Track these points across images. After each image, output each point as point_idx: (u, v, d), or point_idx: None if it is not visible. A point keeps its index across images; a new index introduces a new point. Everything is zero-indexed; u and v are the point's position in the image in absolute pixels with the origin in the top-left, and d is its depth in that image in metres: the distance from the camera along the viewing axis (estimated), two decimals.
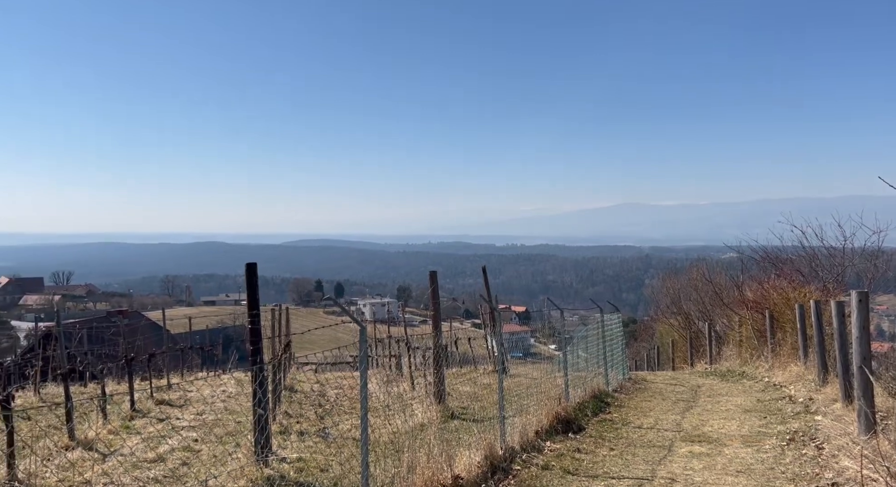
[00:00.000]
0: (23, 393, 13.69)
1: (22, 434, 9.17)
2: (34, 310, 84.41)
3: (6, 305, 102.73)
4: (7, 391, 7.36)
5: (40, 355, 14.13)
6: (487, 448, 6.42)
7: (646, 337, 41.46)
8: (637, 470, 6.49)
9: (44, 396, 13.52)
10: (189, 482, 6.66)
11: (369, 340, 14.47)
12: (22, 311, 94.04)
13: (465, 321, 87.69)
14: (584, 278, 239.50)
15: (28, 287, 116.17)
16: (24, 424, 10.03)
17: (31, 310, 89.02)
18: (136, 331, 20.23)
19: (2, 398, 7.13)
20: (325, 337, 31.77)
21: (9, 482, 6.73)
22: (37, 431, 9.60)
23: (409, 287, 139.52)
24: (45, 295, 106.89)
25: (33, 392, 13.87)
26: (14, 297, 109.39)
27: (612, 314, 14.68)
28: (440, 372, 10.29)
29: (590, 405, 9.87)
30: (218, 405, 11.88)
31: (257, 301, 7.37)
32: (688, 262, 42.92)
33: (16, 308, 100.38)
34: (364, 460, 4.96)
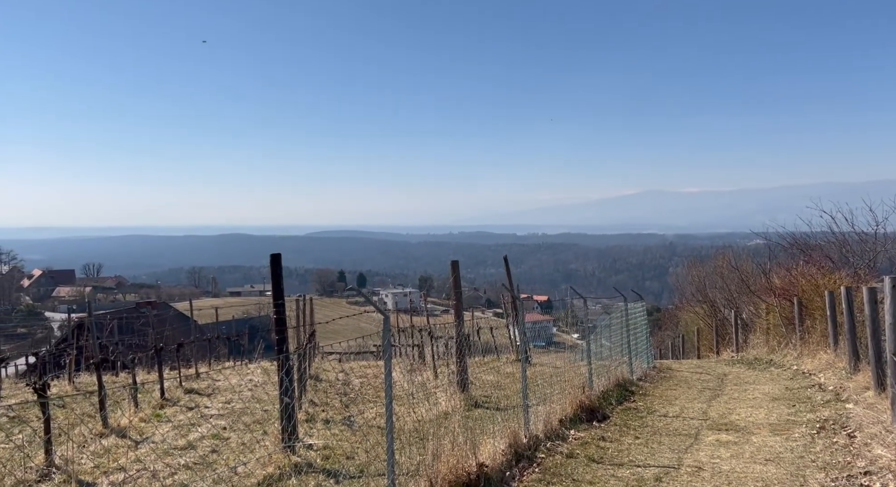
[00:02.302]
0: (58, 381, 14.10)
1: (58, 421, 9.45)
2: (67, 302, 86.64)
3: (40, 297, 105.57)
4: (43, 379, 7.57)
5: (73, 345, 14.51)
6: (511, 436, 6.43)
7: (670, 325, 41.05)
8: (663, 459, 6.45)
9: (78, 385, 13.90)
10: (219, 469, 6.79)
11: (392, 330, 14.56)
12: (55, 303, 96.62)
13: (487, 310, 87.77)
14: (607, 267, 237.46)
15: (60, 279, 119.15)
16: (59, 412, 10.33)
17: (64, 302, 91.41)
18: (164, 322, 20.64)
19: (38, 386, 7.34)
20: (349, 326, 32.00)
21: (47, 467, 6.95)
22: (72, 419, 9.89)
23: (431, 277, 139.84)
24: (77, 287, 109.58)
25: (68, 381, 14.28)
26: (47, 289, 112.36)
27: (636, 302, 14.55)
28: (463, 361, 10.32)
29: (614, 393, 9.82)
30: (245, 393, 12.08)
31: (282, 291, 7.46)
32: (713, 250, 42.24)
33: (49, 300, 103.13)
34: (389, 447, 5.00)
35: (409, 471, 5.54)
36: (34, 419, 9.73)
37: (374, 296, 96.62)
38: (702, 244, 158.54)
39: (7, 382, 15.54)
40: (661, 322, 45.03)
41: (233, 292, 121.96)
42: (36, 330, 50.71)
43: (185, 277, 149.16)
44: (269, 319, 37.29)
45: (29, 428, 9.18)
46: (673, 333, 37.30)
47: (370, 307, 5.33)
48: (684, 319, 35.06)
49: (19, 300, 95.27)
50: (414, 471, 5.48)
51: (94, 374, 10.41)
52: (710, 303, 29.22)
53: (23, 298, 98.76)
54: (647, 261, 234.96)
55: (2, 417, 10.14)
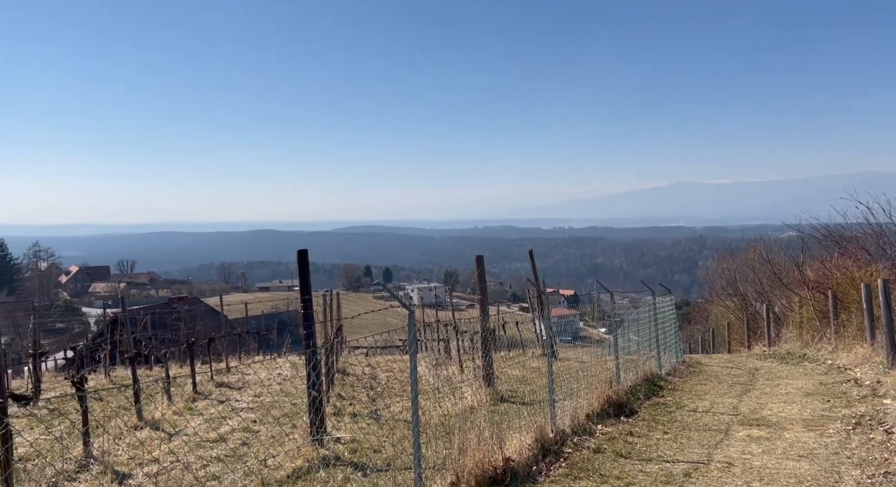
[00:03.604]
0: (94, 375, 14.52)
1: (95, 413, 9.73)
2: (102, 297, 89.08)
3: (77, 293, 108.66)
4: (81, 373, 7.80)
5: (109, 340, 14.89)
6: (538, 430, 6.41)
7: (700, 319, 40.42)
8: (692, 454, 6.36)
9: (113, 378, 14.30)
10: (249, 461, 6.92)
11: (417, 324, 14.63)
12: (91, 298, 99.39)
13: (513, 305, 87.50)
14: (635, 260, 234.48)
15: (96, 275, 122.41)
16: (96, 404, 10.63)
17: (100, 297, 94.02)
18: (195, 317, 21.05)
19: (76, 380, 7.57)
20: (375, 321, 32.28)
21: (85, 458, 7.16)
22: (108, 411, 10.17)
23: (456, 272, 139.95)
24: (112, 283, 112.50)
25: (104, 374, 14.69)
26: (84, 285, 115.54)
27: (665, 296, 14.35)
28: (488, 356, 10.32)
29: (642, 388, 9.71)
30: (274, 387, 12.27)
31: (309, 286, 7.54)
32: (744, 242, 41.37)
33: (86, 295, 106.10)
34: (415, 441, 5.03)
35: (436, 465, 5.57)
36: (73, 411, 10.04)
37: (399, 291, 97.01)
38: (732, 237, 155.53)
39: (47, 375, 16.03)
40: (690, 316, 44.36)
41: (261, 287, 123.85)
42: (73, 325, 52.25)
43: (215, 273, 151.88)
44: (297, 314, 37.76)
45: (68, 420, 9.47)
46: (702, 327, 36.74)
47: (396, 302, 5.35)
48: (714, 313, 34.49)
49: (57, 295, 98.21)
50: (440, 465, 5.50)
51: (129, 368, 10.69)
52: (741, 297, 28.69)
53: (61, 294, 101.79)
54: (675, 255, 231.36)
55: (42, 409, 10.48)
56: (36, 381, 11.69)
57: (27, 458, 7.40)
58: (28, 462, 7.21)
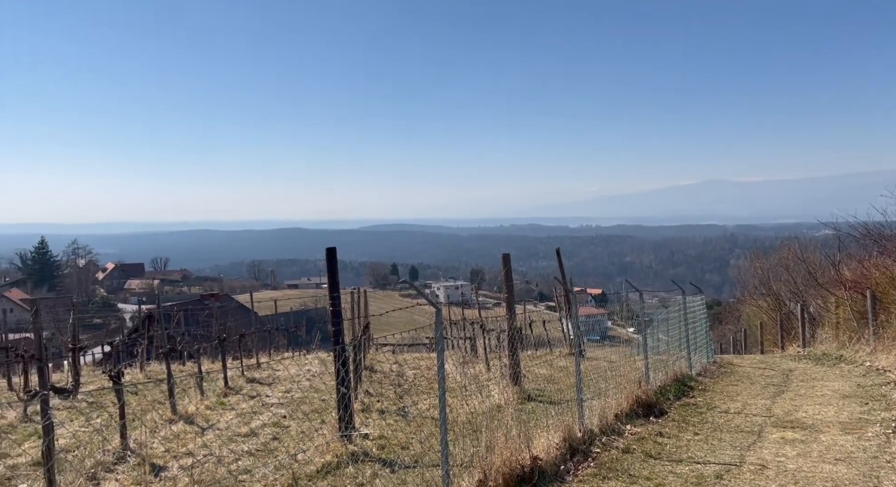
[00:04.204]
0: (130, 369, 14.92)
1: (131, 407, 10.01)
2: (137, 294, 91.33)
3: (113, 289, 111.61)
4: (117, 368, 8.03)
5: (144, 335, 15.27)
6: (566, 429, 6.38)
7: (731, 319, 39.67)
8: (724, 456, 6.26)
9: (148, 373, 14.67)
10: (279, 456, 7.03)
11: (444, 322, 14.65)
12: (126, 295, 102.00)
13: (539, 303, 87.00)
14: (664, 259, 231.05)
15: (131, 272, 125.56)
16: (132, 398, 10.93)
17: (135, 294, 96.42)
18: (226, 314, 21.47)
19: (113, 374, 7.79)
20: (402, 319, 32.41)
21: (122, 450, 7.37)
22: (144, 405, 10.44)
23: (482, 270, 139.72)
24: (146, 280, 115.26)
25: (139, 369, 15.08)
26: (120, 282, 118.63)
27: (696, 295, 14.12)
28: (515, 354, 10.30)
29: (672, 388, 9.59)
30: (303, 383, 12.43)
31: (337, 283, 7.63)
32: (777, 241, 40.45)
33: (121, 292, 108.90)
34: (443, 439, 5.05)
35: (463, 463, 5.59)
36: (110, 404, 10.33)
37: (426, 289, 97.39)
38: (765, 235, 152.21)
39: (85, 369, 16.53)
40: (721, 316, 43.57)
41: (290, 285, 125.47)
42: (110, 321, 53.71)
43: (245, 270, 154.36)
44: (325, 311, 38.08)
45: (106, 413, 9.75)
46: (734, 327, 36.05)
47: (423, 299, 5.38)
48: (746, 313, 33.81)
49: (95, 292, 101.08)
50: (468, 463, 5.52)
51: (164, 363, 10.96)
52: (774, 297, 28.06)
53: (98, 290, 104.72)
54: (706, 254, 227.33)
55: (82, 402, 10.81)
56: (75, 375, 12.06)
57: (68, 449, 7.64)
58: (69, 453, 7.45)
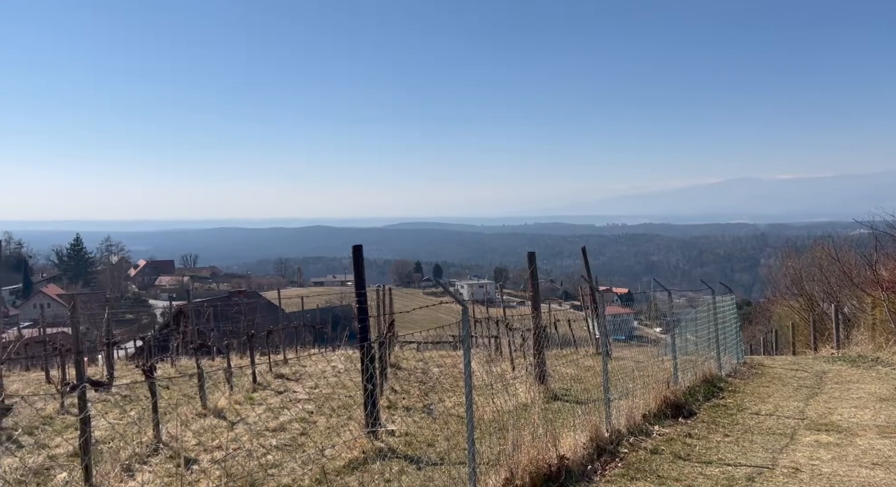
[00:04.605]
0: (161, 364, 15.25)
1: (163, 401, 10.23)
2: (167, 290, 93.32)
3: (144, 285, 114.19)
4: (150, 362, 8.21)
5: (177, 331, 15.59)
6: (593, 429, 6.34)
7: (762, 319, 38.91)
8: (755, 458, 6.15)
9: (179, 367, 14.97)
10: (307, 450, 7.12)
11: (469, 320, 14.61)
12: (157, 291, 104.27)
13: (564, 302, 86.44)
14: (692, 258, 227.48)
15: (162, 269, 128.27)
16: (164, 392, 11.18)
17: (165, 290, 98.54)
18: (254, 310, 21.77)
19: (147, 368, 7.98)
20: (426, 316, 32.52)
21: (155, 442, 7.55)
22: (175, 398, 10.67)
23: (506, 268, 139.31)
24: (176, 277, 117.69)
25: (170, 363, 15.40)
26: (151, 278, 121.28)
27: (725, 295, 13.87)
28: (541, 353, 10.25)
29: (701, 389, 9.44)
30: (330, 379, 12.56)
31: (364, 281, 7.69)
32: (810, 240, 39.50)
33: (152, 288, 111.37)
34: (469, 436, 5.06)
35: (490, 461, 5.59)
36: (143, 398, 10.58)
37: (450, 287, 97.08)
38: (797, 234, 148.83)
39: (119, 363, 16.95)
40: (751, 316, 42.78)
41: (316, 282, 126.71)
42: (141, 316, 54.97)
43: (272, 267, 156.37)
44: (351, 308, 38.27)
45: (139, 406, 9.99)
46: (765, 328, 35.34)
47: (447, 297, 5.39)
48: (777, 313, 33.12)
49: (127, 288, 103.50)
50: (494, 461, 5.52)
51: (194, 358, 11.18)
52: (807, 297, 27.42)
53: (129, 286, 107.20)
54: (735, 253, 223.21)
55: (116, 395, 11.09)
56: (110, 368, 12.38)
57: (103, 441, 7.85)
58: (105, 445, 7.66)
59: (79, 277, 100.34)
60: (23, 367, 17.43)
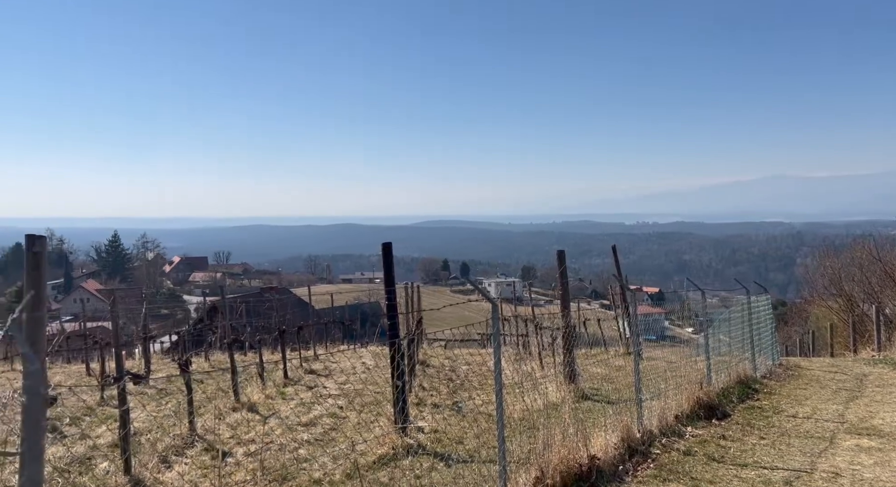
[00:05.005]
0: (196, 358, 15.58)
1: (197, 394, 10.46)
2: (201, 286, 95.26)
3: (179, 281, 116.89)
4: (186, 356, 8.40)
5: (212, 326, 15.91)
6: (624, 429, 6.27)
7: (798, 320, 37.95)
8: (793, 462, 6.00)
9: (212, 362, 15.29)
10: (338, 445, 7.21)
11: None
12: (191, 287, 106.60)
13: (593, 301, 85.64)
14: (725, 257, 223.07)
15: (196, 265, 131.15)
16: (197, 385, 11.41)
17: (199, 286, 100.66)
18: (285, 306, 22.08)
19: (182, 362, 8.17)
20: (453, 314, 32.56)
21: (190, 435, 7.73)
22: (209, 392, 10.89)
23: (534, 267, 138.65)
24: (210, 273, 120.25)
25: (204, 357, 15.73)
26: (185, 274, 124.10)
27: (760, 295, 13.58)
28: (570, 352, 10.18)
29: (735, 391, 9.26)
30: (359, 376, 12.67)
31: (393, 278, 7.73)
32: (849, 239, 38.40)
33: (186, 284, 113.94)
34: (500, 434, 5.06)
35: (520, 459, 5.57)
36: (177, 391, 10.83)
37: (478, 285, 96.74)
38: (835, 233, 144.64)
39: (154, 357, 17.38)
40: (787, 316, 41.78)
41: (345, 279, 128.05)
42: (176, 312, 56.29)
43: (302, 264, 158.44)
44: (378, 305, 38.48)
45: (174, 399, 10.24)
46: (801, 329, 34.45)
47: (474, 295, 5.39)
48: (815, 314, 32.27)
49: (162, 284, 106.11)
50: (524, 459, 5.50)
51: (227, 353, 11.40)
52: (846, 297, 26.65)
53: (164, 282, 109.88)
54: (770, 252, 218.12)
55: (152, 388, 11.38)
56: (147, 362, 12.71)
57: (141, 432, 8.07)
58: (142, 436, 7.87)
59: (116, 273, 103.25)
60: (64, 359, 18.01)
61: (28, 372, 2.41)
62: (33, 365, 2.44)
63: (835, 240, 64.66)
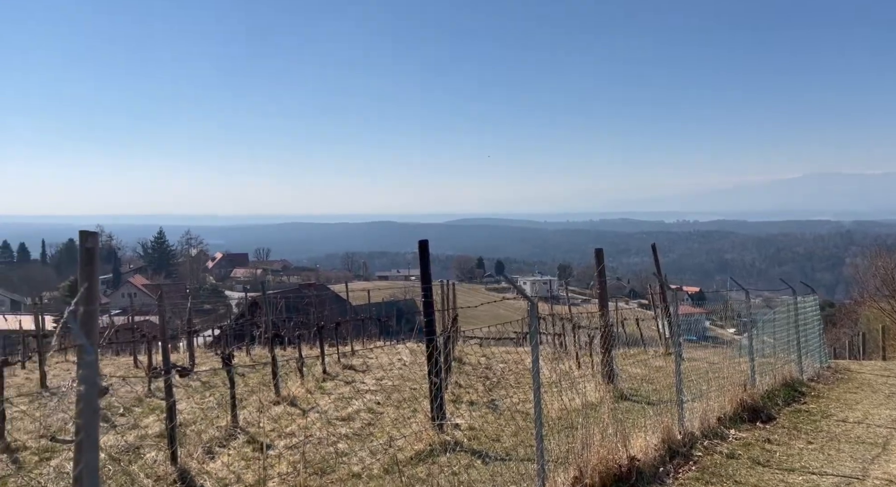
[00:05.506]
0: (237, 352, 15.97)
1: (238, 388, 10.72)
2: (242, 282, 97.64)
3: (221, 277, 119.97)
4: (229, 350, 8.61)
5: (253, 321, 16.28)
6: (665, 431, 6.17)
7: (847, 322, 36.59)
8: (843, 468, 5.80)
9: (253, 356, 15.64)
10: (375, 441, 7.28)
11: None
12: (233, 283, 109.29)
13: (631, 301, 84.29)
14: (769, 257, 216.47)
15: (237, 261, 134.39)
16: (239, 379, 11.70)
17: (240, 282, 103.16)
18: (323, 302, 22.43)
19: (225, 356, 8.38)
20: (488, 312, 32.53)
21: (233, 428, 7.93)
22: (250, 387, 11.15)
23: (570, 265, 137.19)
24: (250, 269, 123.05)
25: (245, 352, 16.11)
26: (227, 270, 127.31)
27: (807, 296, 13.14)
28: (609, 352, 10.04)
29: (780, 393, 9.00)
30: (395, 372, 12.78)
31: (429, 275, 7.77)
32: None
33: (228, 280, 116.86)
34: (538, 433, 5.03)
35: (558, 459, 5.54)
36: (220, 384, 11.12)
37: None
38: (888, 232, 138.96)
39: (198, 351, 17.89)
40: (835, 318, 40.33)
41: (381, 276, 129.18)
42: (218, 307, 57.75)
43: (339, 261, 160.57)
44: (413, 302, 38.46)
45: (217, 392, 10.51)
46: (851, 331, 33.20)
47: (509, 294, 5.39)
48: (865, 315, 31.08)
49: (205, 279, 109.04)
50: (563, 459, 5.46)
51: (267, 347, 11.64)
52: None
53: (207, 278, 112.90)
54: (817, 251, 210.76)
55: (196, 381, 11.72)
56: (191, 355, 13.08)
57: (186, 424, 8.32)
58: (187, 428, 8.11)
59: (161, 268, 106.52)
60: (113, 352, 18.71)
61: (85, 363, 2.50)
62: (90, 355, 2.54)
63: (886, 240, 62.05)
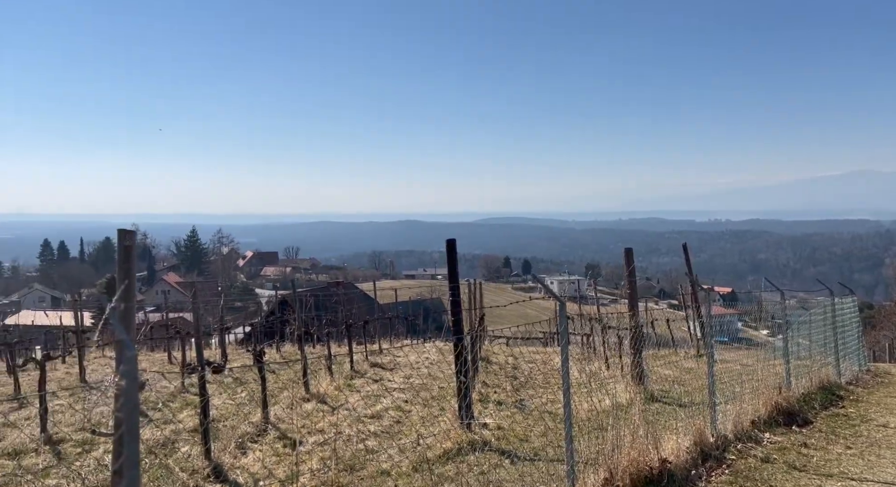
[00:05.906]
0: (267, 349, 16.21)
1: (269, 384, 10.88)
2: (272, 280, 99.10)
3: (251, 275, 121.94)
4: (260, 347, 8.76)
5: (283, 319, 16.51)
6: (697, 433, 6.06)
7: (888, 324, 35.47)
8: (885, 474, 5.62)
9: (283, 354, 15.87)
10: (403, 439, 7.32)
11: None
12: (263, 281, 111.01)
13: (661, 301, 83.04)
14: (804, 257, 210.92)
15: (267, 260, 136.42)
16: (269, 376, 11.87)
17: (269, 280, 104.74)
18: (351, 301, 22.61)
19: (257, 353, 8.52)
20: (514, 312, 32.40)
21: (264, 423, 8.06)
22: (280, 383, 11.31)
23: (598, 265, 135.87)
24: (280, 268, 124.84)
25: (275, 349, 16.35)
26: (257, 269, 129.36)
27: (845, 297, 12.79)
28: (639, 353, 9.92)
29: (817, 397, 8.77)
30: (423, 370, 12.82)
31: (457, 274, 7.77)
32: None
33: (258, 278, 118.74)
34: (568, 434, 5.00)
35: (588, 460, 5.49)
36: (251, 381, 11.31)
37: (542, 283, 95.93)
38: None
39: (229, 348, 18.22)
40: (875, 320, 39.12)
41: (408, 275, 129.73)
42: (249, 305, 58.72)
43: (366, 260, 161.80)
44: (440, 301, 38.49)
45: (248, 389, 10.70)
46: (891, 334, 32.16)
47: (536, 293, 5.37)
48: None
49: (236, 277, 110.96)
50: (592, 460, 5.41)
51: (296, 345, 11.79)
52: None
53: (238, 276, 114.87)
54: (855, 251, 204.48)
55: (227, 377, 11.94)
56: (223, 352, 13.33)
57: (218, 419, 8.49)
58: (220, 423, 8.27)
59: (194, 266, 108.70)
60: (148, 348, 19.18)
61: (125, 358, 2.57)
62: (130, 350, 2.61)
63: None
